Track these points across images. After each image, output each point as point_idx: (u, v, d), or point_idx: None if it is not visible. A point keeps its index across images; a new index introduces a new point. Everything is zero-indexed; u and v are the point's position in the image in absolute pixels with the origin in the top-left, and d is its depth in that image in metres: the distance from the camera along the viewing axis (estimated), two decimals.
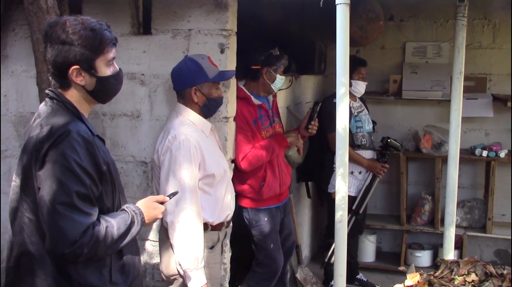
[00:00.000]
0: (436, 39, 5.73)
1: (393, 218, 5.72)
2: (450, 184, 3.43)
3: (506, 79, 5.65)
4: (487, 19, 5.64)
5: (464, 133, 5.65)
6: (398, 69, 5.81)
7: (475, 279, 2.78)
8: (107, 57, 2.04)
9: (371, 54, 5.77)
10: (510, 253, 5.74)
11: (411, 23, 5.83)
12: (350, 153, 4.55)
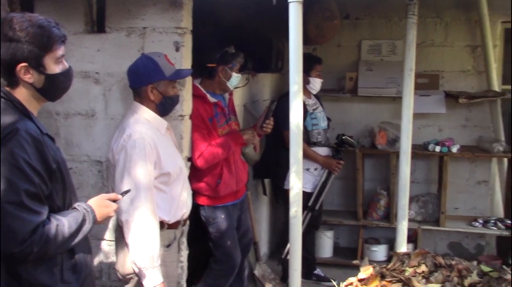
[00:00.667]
0: (390, 37, 5.84)
1: (349, 214, 5.80)
2: (402, 179, 3.51)
3: (458, 76, 5.80)
4: (439, 17, 5.78)
5: (418, 129, 5.79)
6: (354, 66, 5.91)
7: (425, 270, 2.85)
8: (56, 54, 2.03)
9: (328, 52, 5.85)
10: (462, 246, 5.90)
11: (366, 22, 5.92)
12: (306, 150, 4.61)
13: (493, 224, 5.41)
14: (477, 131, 5.79)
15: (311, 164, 4.79)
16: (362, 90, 5.67)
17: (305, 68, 4.66)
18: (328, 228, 5.75)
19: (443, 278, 2.80)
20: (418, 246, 5.41)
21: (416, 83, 5.52)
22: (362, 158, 5.58)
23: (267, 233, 5.61)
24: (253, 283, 4.69)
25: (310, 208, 4.82)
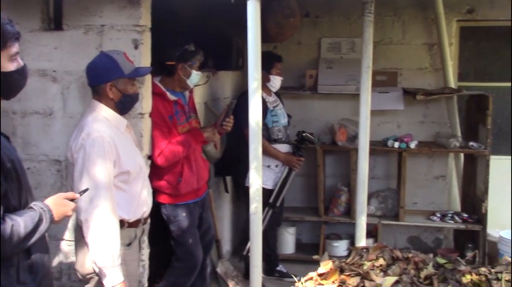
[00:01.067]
0: (349, 35, 5.92)
1: (311, 210, 5.86)
2: (361, 175, 3.56)
3: (416, 74, 5.92)
4: (396, 16, 5.88)
5: (378, 125, 5.89)
6: (314, 64, 5.96)
7: (383, 264, 2.91)
8: (9, 52, 2.00)
9: (288, 50, 5.89)
10: (421, 240, 6.02)
11: (325, 20, 5.99)
12: (266, 148, 4.65)
13: (451, 218, 5.53)
14: (434, 127, 5.92)
15: (272, 161, 4.82)
16: (322, 88, 5.73)
17: (266, 66, 4.71)
18: (290, 224, 5.80)
19: (400, 271, 2.86)
20: (378, 240, 5.49)
21: (375, 80, 5.64)
22: (323, 155, 5.65)
23: (229, 231, 5.63)
24: (216, 281, 4.70)
25: (271, 205, 4.85)
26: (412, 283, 2.75)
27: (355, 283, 2.78)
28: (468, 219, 5.49)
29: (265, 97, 4.82)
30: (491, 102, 5.25)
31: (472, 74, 6.20)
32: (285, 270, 5.15)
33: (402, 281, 2.72)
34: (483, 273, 2.78)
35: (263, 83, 4.73)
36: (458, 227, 5.51)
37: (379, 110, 5.73)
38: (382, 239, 5.59)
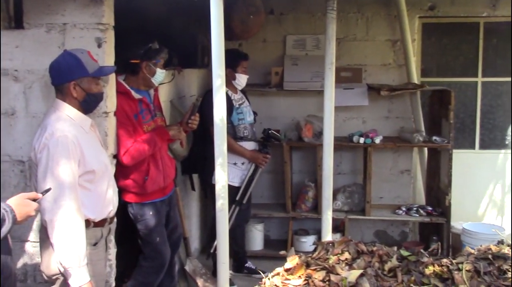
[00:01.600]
0: (314, 32, 5.96)
1: (279, 206, 5.90)
2: (326, 170, 3.60)
3: (380, 70, 6.00)
4: (360, 12, 5.95)
5: (343, 121, 5.96)
6: (279, 61, 6.00)
7: (348, 257, 2.96)
8: None
9: (253, 47, 5.91)
10: (388, 233, 6.11)
11: (290, 17, 6.02)
12: (232, 145, 4.66)
13: (416, 211, 5.63)
14: (399, 122, 6.01)
15: (238, 159, 4.83)
16: (288, 84, 5.77)
17: (232, 64, 4.73)
18: (258, 221, 5.83)
19: (365, 264, 2.91)
20: (345, 235, 5.55)
21: (340, 76, 5.72)
22: (290, 151, 5.68)
23: (197, 229, 5.62)
24: (184, 279, 4.69)
25: (237, 202, 4.87)
26: (377, 276, 2.80)
27: (321, 277, 2.81)
28: (433, 212, 5.59)
29: (231, 94, 4.83)
30: (453, 97, 5.36)
31: (435, 70, 6.31)
32: (254, 267, 5.17)
33: (366, 274, 2.77)
34: (445, 264, 2.84)
35: (229, 81, 4.75)
36: (423, 220, 5.61)
37: (345, 106, 5.80)
38: (349, 234, 5.66)
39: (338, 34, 5.79)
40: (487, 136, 6.12)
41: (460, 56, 6.26)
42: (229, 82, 4.77)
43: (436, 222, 5.48)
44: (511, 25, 5.68)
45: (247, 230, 5.56)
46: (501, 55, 6.15)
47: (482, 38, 6.11)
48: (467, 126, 6.19)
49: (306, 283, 2.83)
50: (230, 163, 4.72)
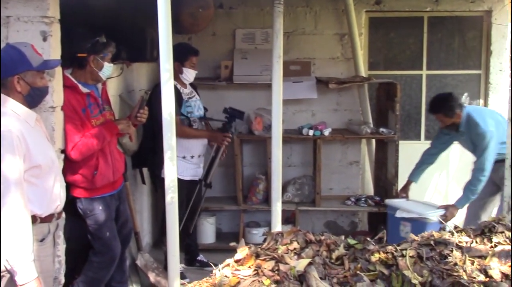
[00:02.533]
0: (263, 26, 6.00)
1: (230, 199, 5.94)
2: (275, 162, 3.65)
3: (328, 63, 6.10)
4: (308, 6, 6.03)
5: (293, 114, 6.04)
6: (229, 55, 6.02)
7: (297, 247, 3.02)
8: None
9: (203, 41, 5.91)
10: (338, 224, 6.23)
11: (239, 11, 6.05)
12: (190, 132, 4.73)
13: (364, 202, 5.76)
14: (347, 115, 6.13)
15: (187, 152, 4.83)
16: (238, 78, 5.80)
17: (180, 58, 4.73)
18: (210, 214, 5.85)
19: (313, 253, 2.97)
20: (296, 226, 5.61)
21: (289, 70, 5.79)
22: (240, 144, 5.72)
23: (149, 223, 5.61)
24: (136, 274, 4.68)
25: (203, 182, 4.97)
26: (324, 264, 2.87)
27: (270, 267, 2.86)
28: (381, 202, 5.73)
29: (180, 88, 4.83)
30: (399, 90, 5.50)
31: (381, 63, 6.45)
32: (206, 260, 5.19)
33: (314, 263, 2.83)
34: (390, 251, 2.93)
35: (177, 74, 4.76)
36: (371, 210, 5.75)
37: (294, 99, 5.88)
38: (300, 225, 5.73)
39: (287, 28, 5.90)
40: (431, 127, 6.30)
41: (406, 49, 6.42)
42: (177, 76, 4.78)
43: (384, 212, 5.60)
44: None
45: (199, 223, 5.57)
46: (445, 49, 6.33)
47: (427, 32, 6.28)
48: (412, 118, 6.37)
49: (256, 273, 2.88)
50: (179, 157, 4.72)
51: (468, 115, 4.80)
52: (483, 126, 4.72)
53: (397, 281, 2.77)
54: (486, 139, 4.70)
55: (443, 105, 4.84)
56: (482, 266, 2.80)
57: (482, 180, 4.70)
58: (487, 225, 3.13)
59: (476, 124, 4.74)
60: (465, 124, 4.82)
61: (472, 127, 4.78)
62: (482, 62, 6.31)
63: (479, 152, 4.75)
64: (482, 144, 4.71)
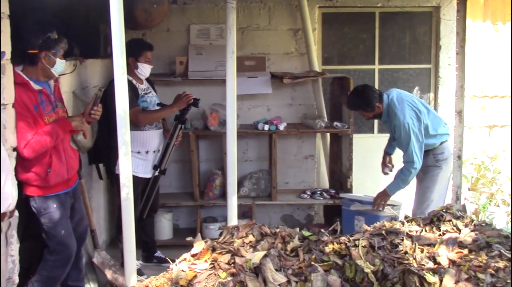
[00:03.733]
0: (218, 22, 6.02)
1: (187, 195, 5.94)
2: (230, 157, 3.68)
3: (282, 58, 6.16)
4: (262, 2, 6.08)
5: (248, 109, 6.09)
6: (183, 50, 6.01)
7: (252, 240, 3.07)
8: None
9: (157, 37, 5.89)
10: (294, 217, 6.31)
11: (194, 6, 6.05)
12: (154, 114, 4.81)
13: (320, 195, 5.85)
14: (302, 109, 6.21)
15: (142, 147, 4.81)
16: (193, 74, 5.80)
17: (135, 53, 4.72)
18: (167, 210, 5.85)
19: (269, 246, 3.03)
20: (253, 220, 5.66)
21: (244, 65, 5.83)
22: (196, 140, 5.73)
23: (105, 220, 5.57)
24: (93, 271, 4.64)
25: (158, 169, 4.94)
26: (280, 256, 2.93)
27: (226, 260, 2.91)
28: (336, 194, 5.83)
29: (136, 83, 4.82)
30: (352, 84, 5.59)
31: (335, 58, 6.55)
32: (163, 256, 5.19)
33: (270, 255, 2.89)
34: (343, 242, 3.01)
35: (132, 70, 4.74)
36: (327, 202, 5.84)
37: (250, 94, 5.93)
38: (257, 219, 5.78)
39: (241, 24, 5.94)
40: None
41: (358, 44, 6.54)
42: (132, 72, 4.76)
43: (339, 204, 5.70)
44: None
45: (156, 220, 5.56)
46: (396, 44, 6.48)
47: (378, 28, 6.41)
48: None
49: (212, 266, 2.92)
50: (133, 151, 4.71)
51: (389, 105, 4.82)
52: (402, 118, 4.72)
53: (350, 270, 2.85)
54: (406, 130, 4.71)
55: (359, 101, 4.87)
56: (431, 253, 2.90)
57: (412, 172, 4.74)
58: (435, 214, 3.25)
59: (395, 114, 4.77)
60: (386, 113, 4.85)
61: (392, 118, 4.82)
62: (432, 57, 6.49)
63: (404, 145, 4.76)
64: (404, 137, 4.72)
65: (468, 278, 2.68)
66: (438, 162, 4.82)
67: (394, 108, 4.77)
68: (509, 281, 2.62)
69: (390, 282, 2.73)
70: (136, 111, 4.67)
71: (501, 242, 2.93)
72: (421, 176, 4.88)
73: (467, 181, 6.57)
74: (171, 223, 5.91)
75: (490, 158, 6.71)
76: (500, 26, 6.71)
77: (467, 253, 2.88)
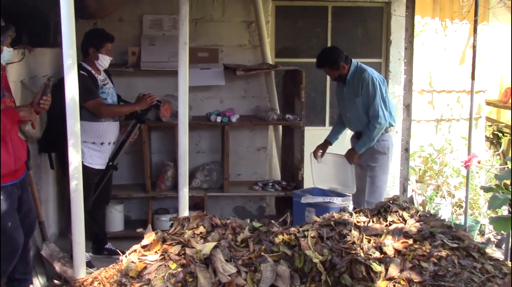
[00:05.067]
0: (171, 12, 5.97)
1: (139, 187, 5.90)
2: (182, 149, 3.68)
3: (236, 50, 6.17)
4: None
5: (201, 101, 6.08)
6: (136, 41, 5.95)
7: (203, 231, 3.09)
8: None
9: (109, 26, 5.76)
10: (246, 209, 6.34)
11: None
12: (116, 109, 4.81)
13: (271, 186, 5.90)
14: (254, 101, 6.23)
15: (98, 138, 4.74)
16: (145, 64, 5.75)
17: (96, 44, 4.68)
18: (118, 202, 5.79)
19: (219, 237, 3.05)
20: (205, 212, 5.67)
21: (197, 57, 5.81)
22: (148, 131, 5.69)
23: (55, 212, 5.48)
24: (41, 264, 4.57)
25: (110, 165, 4.92)
26: (230, 247, 2.95)
27: (177, 251, 2.92)
28: (287, 186, 5.89)
29: (95, 74, 4.76)
30: (304, 77, 5.65)
31: (289, 51, 6.60)
32: (114, 248, 5.13)
33: (220, 246, 2.91)
34: (293, 233, 3.06)
35: (92, 60, 4.68)
36: (278, 194, 5.90)
37: (203, 86, 5.92)
38: (209, 211, 5.79)
39: (195, 15, 5.91)
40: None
41: (311, 38, 6.60)
42: (92, 62, 4.70)
43: (290, 196, 5.76)
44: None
45: (107, 211, 5.51)
46: (348, 38, 6.57)
47: (331, 21, 6.49)
48: (318, 104, 6.57)
49: (163, 257, 2.92)
50: (88, 142, 4.66)
51: (357, 66, 5.00)
52: (371, 73, 4.93)
53: (299, 260, 2.90)
54: (374, 85, 4.88)
55: (326, 58, 5.04)
56: (378, 243, 2.98)
57: (377, 127, 4.87)
58: (382, 205, 3.32)
59: (364, 70, 4.94)
60: (352, 73, 4.99)
61: (359, 75, 4.94)
62: (382, 51, 6.60)
63: (371, 101, 4.89)
64: (372, 92, 4.88)
65: (412, 267, 2.76)
66: (384, 149, 4.96)
67: (364, 69, 4.97)
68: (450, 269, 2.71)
69: (338, 272, 2.79)
70: (99, 102, 4.63)
71: (444, 232, 3.03)
72: (370, 165, 5.01)
73: (414, 173, 6.74)
74: (122, 215, 5.86)
75: (437, 151, 6.90)
76: (448, 23, 6.90)
77: (412, 243, 2.97)
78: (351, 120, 5.14)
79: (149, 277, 2.80)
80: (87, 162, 4.68)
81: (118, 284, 2.81)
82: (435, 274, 2.69)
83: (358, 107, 4.97)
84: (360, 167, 5.13)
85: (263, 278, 2.75)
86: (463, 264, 2.77)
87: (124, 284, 2.79)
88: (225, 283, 2.72)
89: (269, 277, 2.76)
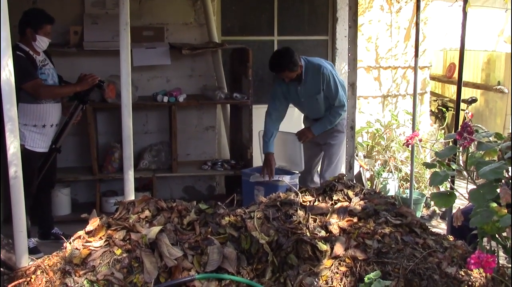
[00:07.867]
0: None
1: (85, 169, 5.80)
2: (126, 131, 3.60)
3: (181, 29, 6.08)
4: None
5: (148, 81, 5.99)
6: (78, 20, 5.78)
7: (148, 215, 3.05)
8: None
9: (49, 4, 5.58)
10: (196, 189, 6.33)
11: None
12: (57, 90, 4.72)
13: (221, 166, 5.89)
14: (202, 80, 6.18)
15: (39, 120, 4.61)
16: (88, 44, 5.60)
17: (33, 25, 4.53)
18: (65, 185, 5.69)
19: (165, 220, 3.03)
20: (154, 193, 5.64)
21: (142, 36, 5.70)
22: (93, 112, 5.58)
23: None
24: None
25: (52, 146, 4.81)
26: (176, 230, 2.93)
27: (122, 237, 2.88)
28: (236, 165, 5.90)
29: (33, 55, 4.60)
30: (251, 55, 5.63)
31: (235, 29, 6.54)
32: (61, 232, 5.06)
33: (166, 230, 2.88)
34: (239, 214, 3.05)
35: (29, 41, 4.52)
36: (228, 173, 5.90)
37: (148, 66, 5.83)
38: (158, 192, 5.77)
39: None
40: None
41: (258, 15, 6.56)
42: (29, 43, 4.55)
43: (240, 175, 5.76)
44: None
45: (53, 195, 5.40)
46: (295, 15, 6.55)
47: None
48: (265, 82, 6.54)
49: (107, 243, 2.88)
50: (29, 125, 4.53)
51: (307, 63, 5.02)
52: (324, 66, 4.99)
53: (246, 242, 2.90)
54: (333, 78, 4.98)
55: (287, 61, 4.89)
56: (323, 222, 3.00)
57: (342, 114, 5.02)
58: (328, 184, 3.35)
59: (319, 66, 4.98)
60: (306, 71, 4.99)
61: (316, 71, 4.96)
62: (329, 29, 6.63)
63: (334, 93, 4.96)
64: (333, 85, 4.96)
65: (357, 244, 2.80)
66: (343, 127, 5.08)
67: (317, 63, 5.00)
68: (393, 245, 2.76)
69: (284, 252, 2.80)
70: (38, 84, 4.49)
71: (387, 209, 3.08)
72: (329, 143, 5.17)
73: (362, 149, 6.84)
74: (69, 198, 5.76)
75: (384, 126, 7.01)
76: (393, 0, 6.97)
77: (357, 221, 3.01)
78: (311, 112, 5.25)
79: (94, 264, 2.75)
80: (29, 146, 4.56)
81: (62, 272, 2.76)
82: (379, 251, 2.74)
83: (320, 101, 5.04)
84: (315, 144, 5.17)
85: (209, 261, 2.75)
86: (406, 240, 2.83)
87: (68, 271, 2.74)
88: (172, 267, 2.70)
89: (215, 259, 2.76)
